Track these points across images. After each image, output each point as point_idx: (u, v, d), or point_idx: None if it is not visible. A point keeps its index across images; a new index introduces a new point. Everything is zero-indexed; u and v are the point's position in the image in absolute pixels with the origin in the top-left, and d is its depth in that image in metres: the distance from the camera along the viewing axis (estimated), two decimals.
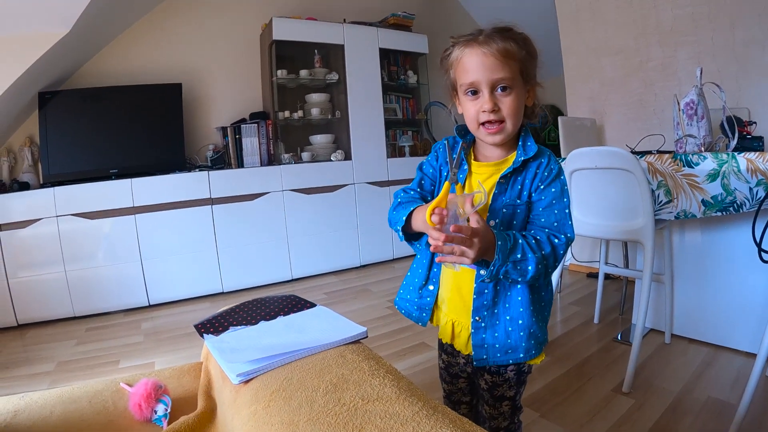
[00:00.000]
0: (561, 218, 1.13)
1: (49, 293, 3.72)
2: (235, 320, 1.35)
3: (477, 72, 1.12)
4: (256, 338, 1.22)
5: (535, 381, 2.33)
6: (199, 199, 4.14)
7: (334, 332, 1.20)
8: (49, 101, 3.92)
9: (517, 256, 1.04)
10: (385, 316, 3.39)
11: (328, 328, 1.24)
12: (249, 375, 1.04)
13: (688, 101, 2.49)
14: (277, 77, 4.75)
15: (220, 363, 1.12)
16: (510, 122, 1.14)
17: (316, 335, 1.19)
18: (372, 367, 0.99)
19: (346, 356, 1.06)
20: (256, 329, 1.29)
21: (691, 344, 2.67)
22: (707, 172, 2.04)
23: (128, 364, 2.85)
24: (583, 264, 4.23)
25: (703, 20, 3.58)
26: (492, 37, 1.12)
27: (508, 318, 1.18)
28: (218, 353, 1.15)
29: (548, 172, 1.15)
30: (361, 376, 0.94)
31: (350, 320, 1.28)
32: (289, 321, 1.33)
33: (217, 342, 1.22)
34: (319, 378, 0.95)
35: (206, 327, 1.32)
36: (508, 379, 1.27)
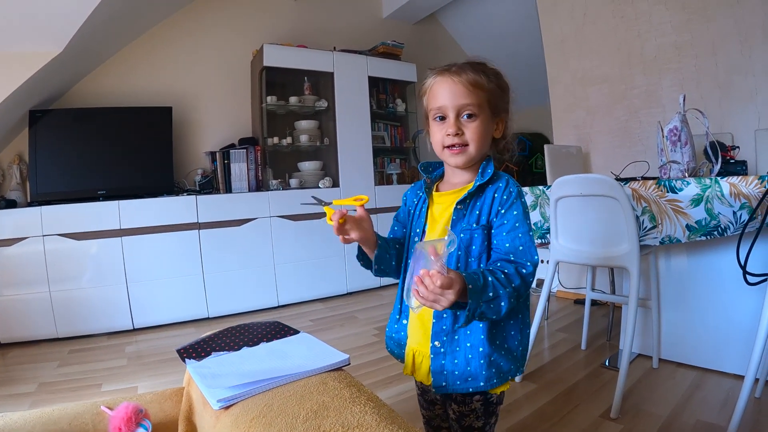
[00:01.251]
0: (525, 242, 1.13)
1: (32, 313, 3.69)
2: (218, 345, 1.34)
3: (445, 98, 1.19)
4: (238, 364, 1.21)
5: (523, 408, 2.32)
6: (186, 223, 4.13)
7: (316, 359, 1.20)
8: (40, 119, 3.92)
9: (489, 295, 1.03)
10: (371, 344, 3.38)
11: (310, 355, 1.23)
12: (230, 401, 1.03)
13: (672, 128, 2.52)
14: (267, 103, 4.78)
15: (201, 388, 1.11)
16: (473, 146, 1.19)
17: (298, 362, 1.18)
18: (353, 395, 0.98)
19: (327, 383, 1.06)
20: (239, 355, 1.28)
21: (678, 368, 2.67)
22: (691, 197, 2.05)
23: (111, 388, 2.82)
24: (570, 290, 4.24)
25: (686, 48, 3.64)
26: (463, 68, 1.20)
27: (469, 345, 1.17)
28: (199, 378, 1.14)
29: (507, 195, 1.17)
30: (342, 404, 0.93)
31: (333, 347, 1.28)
32: (271, 347, 1.32)
33: (199, 367, 1.21)
34: (299, 405, 0.94)
35: (189, 352, 1.31)
36: (474, 410, 1.25)
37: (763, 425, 2.02)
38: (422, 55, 6.57)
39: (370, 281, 5.17)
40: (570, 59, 4.47)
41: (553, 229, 2.56)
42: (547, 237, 2.70)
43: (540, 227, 2.75)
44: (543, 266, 4.47)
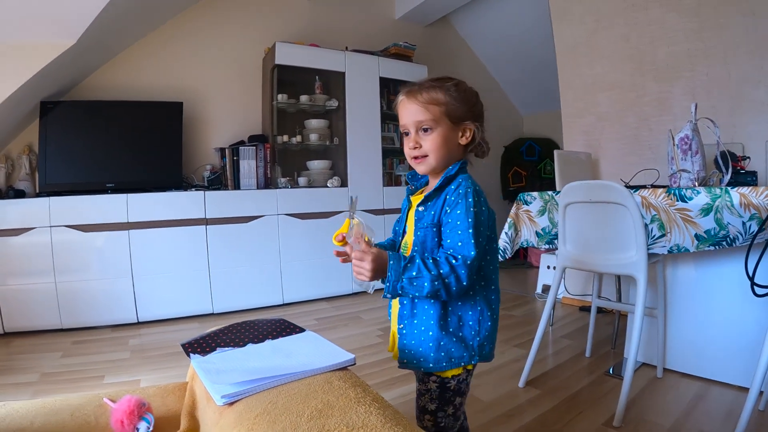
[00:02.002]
0: (464, 238, 1.23)
1: (37, 303, 3.71)
2: (223, 341, 1.33)
3: (405, 117, 1.37)
4: (242, 360, 1.20)
5: (525, 413, 2.31)
6: (193, 218, 4.14)
7: (321, 358, 1.19)
8: (51, 111, 3.94)
9: (412, 274, 1.20)
10: (376, 344, 3.37)
11: (315, 354, 1.23)
12: (234, 397, 1.02)
13: (683, 136, 2.50)
14: (278, 101, 4.79)
15: (205, 383, 1.10)
16: (432, 156, 1.35)
17: (303, 360, 1.17)
18: (358, 395, 0.98)
19: (332, 382, 1.05)
20: (244, 351, 1.27)
21: (683, 378, 2.65)
22: (701, 207, 2.05)
23: (113, 380, 2.82)
24: (576, 297, 4.23)
25: (698, 57, 3.62)
26: (421, 87, 1.36)
27: (423, 329, 1.33)
28: (204, 373, 1.13)
29: (455, 196, 1.28)
30: (347, 403, 0.93)
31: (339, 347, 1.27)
32: (276, 345, 1.32)
33: (203, 362, 1.20)
34: (304, 403, 0.93)
35: (193, 346, 1.30)
36: (429, 390, 1.39)
37: None
38: (434, 58, 6.58)
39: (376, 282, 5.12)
40: (582, 65, 4.46)
41: (561, 235, 2.55)
42: (554, 243, 2.69)
43: (548, 233, 2.74)
44: (549, 272, 4.50)
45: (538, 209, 2.79)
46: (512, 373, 2.80)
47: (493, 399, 2.47)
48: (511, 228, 2.88)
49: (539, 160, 7.19)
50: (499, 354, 3.11)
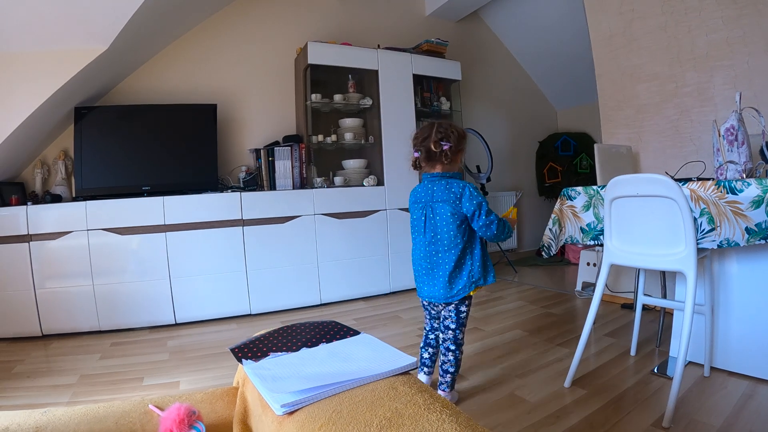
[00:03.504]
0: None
1: (75, 305, 3.75)
2: (275, 345, 1.29)
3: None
4: (298, 366, 1.16)
5: (572, 414, 2.26)
6: (230, 219, 4.15)
7: (381, 362, 1.14)
8: (85, 116, 3.98)
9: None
10: (417, 344, 3.30)
11: (375, 357, 1.18)
12: (294, 406, 0.98)
13: (729, 127, 2.44)
14: (311, 101, 4.79)
15: (262, 392, 1.06)
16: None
17: (362, 364, 1.13)
18: (426, 401, 0.93)
19: (397, 388, 1.00)
20: (298, 356, 1.23)
21: (730, 377, 2.58)
22: (751, 199, 1.98)
23: (152, 382, 2.83)
24: (618, 294, 4.14)
25: (738, 44, 3.53)
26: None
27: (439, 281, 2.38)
28: (259, 381, 1.09)
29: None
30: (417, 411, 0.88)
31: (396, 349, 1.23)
32: (332, 348, 1.28)
33: (257, 368, 1.16)
34: (371, 411, 0.89)
35: (244, 351, 1.27)
36: (449, 314, 2.42)
37: None
38: (466, 53, 6.57)
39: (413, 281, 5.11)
40: (618, 56, 4.38)
41: (607, 231, 2.48)
42: (600, 239, 2.63)
43: (593, 228, 2.68)
44: (589, 269, 4.44)
45: (582, 204, 2.73)
46: (557, 372, 2.75)
47: (539, 400, 2.43)
48: (555, 224, 2.82)
49: (575, 155, 7.09)
50: (542, 353, 3.08)
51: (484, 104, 7.06)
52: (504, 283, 5.33)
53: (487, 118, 7.04)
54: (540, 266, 6.18)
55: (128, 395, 2.61)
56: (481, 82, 7.02)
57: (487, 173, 5.82)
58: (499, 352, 3.14)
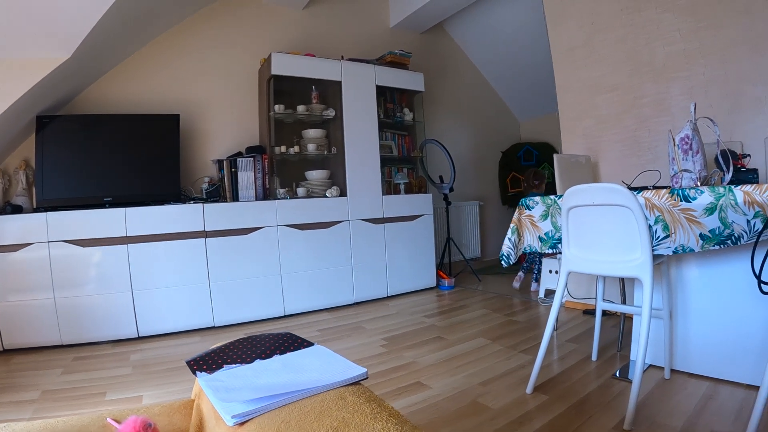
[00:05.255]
0: None
1: (37, 319, 3.68)
2: (230, 358, 1.30)
3: None
4: (251, 377, 1.17)
5: (534, 420, 2.29)
6: (192, 231, 4.12)
7: (332, 373, 1.16)
8: (47, 125, 3.92)
9: None
10: (380, 354, 3.34)
11: (326, 369, 1.19)
12: (245, 417, 0.99)
13: (683, 136, 2.49)
14: (275, 112, 4.78)
15: (214, 403, 1.07)
16: None
17: (314, 375, 1.14)
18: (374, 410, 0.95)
19: (346, 398, 1.02)
20: (252, 368, 1.24)
21: (690, 378, 2.63)
22: (705, 206, 2.03)
23: (115, 397, 2.79)
24: (579, 300, 4.21)
25: (695, 56, 3.62)
26: None
27: None
28: (212, 392, 1.10)
29: None
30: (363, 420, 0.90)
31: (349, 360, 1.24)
32: (285, 360, 1.28)
33: (211, 380, 1.17)
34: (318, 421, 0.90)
35: (199, 364, 1.27)
36: None
37: None
38: (430, 65, 6.63)
39: (376, 291, 5.17)
40: (579, 68, 4.45)
41: (565, 239, 2.53)
42: (558, 247, 2.67)
43: (551, 237, 2.72)
44: (551, 276, 4.48)
45: (540, 214, 2.78)
46: (519, 379, 2.78)
47: (501, 406, 2.45)
48: (514, 233, 2.86)
49: (537, 165, 7.20)
50: (505, 360, 3.11)
51: (448, 115, 7.12)
52: (468, 291, 5.38)
53: (450, 128, 7.10)
54: (503, 274, 6.24)
55: (90, 410, 2.57)
56: (445, 94, 7.08)
57: (450, 183, 5.87)
58: (462, 360, 3.16)
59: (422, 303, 4.95)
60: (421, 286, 5.54)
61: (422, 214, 5.51)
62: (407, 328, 4.01)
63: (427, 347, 3.45)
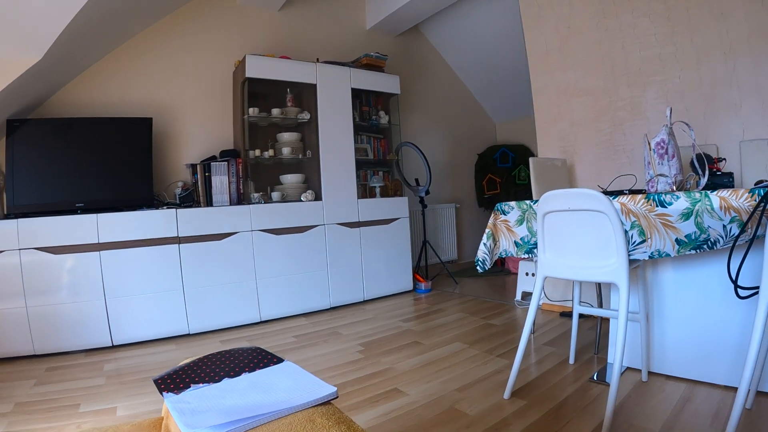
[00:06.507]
0: None
1: (8, 329, 3.59)
2: (198, 376, 1.27)
3: None
4: (219, 398, 1.13)
5: (512, 426, 2.27)
6: (166, 237, 4.06)
7: (302, 392, 1.13)
8: (18, 129, 3.84)
9: None
10: (356, 361, 3.31)
11: (295, 388, 1.16)
12: None
13: (659, 140, 2.50)
14: (249, 115, 4.73)
15: (180, 427, 1.04)
16: None
17: (282, 395, 1.11)
18: None
19: (315, 420, 0.99)
20: (220, 387, 1.21)
21: (668, 381, 2.65)
22: (681, 212, 2.03)
23: (89, 408, 2.72)
24: (556, 303, 4.22)
25: (670, 60, 3.66)
26: None
27: None
28: (178, 415, 1.06)
29: None
30: None
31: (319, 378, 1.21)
32: (254, 379, 1.25)
33: (178, 402, 1.13)
34: None
35: (167, 383, 1.24)
36: None
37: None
38: (406, 67, 6.62)
39: (353, 295, 5.14)
40: (554, 71, 4.47)
41: (541, 244, 2.52)
42: (534, 252, 2.67)
43: (527, 242, 2.71)
44: (528, 279, 4.50)
45: (516, 219, 2.77)
46: (496, 384, 2.77)
47: (478, 413, 2.43)
48: (490, 239, 2.85)
49: (513, 167, 7.21)
50: (482, 365, 3.09)
51: (424, 118, 7.11)
52: (445, 295, 5.37)
53: (426, 131, 7.10)
54: (480, 277, 6.25)
55: (64, 423, 2.52)
56: (421, 96, 7.08)
57: (426, 186, 5.86)
58: (438, 366, 3.14)
59: (399, 307, 4.93)
60: (397, 289, 5.53)
61: (398, 217, 5.50)
62: (384, 333, 3.99)
63: (404, 352, 3.43)
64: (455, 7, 6.23)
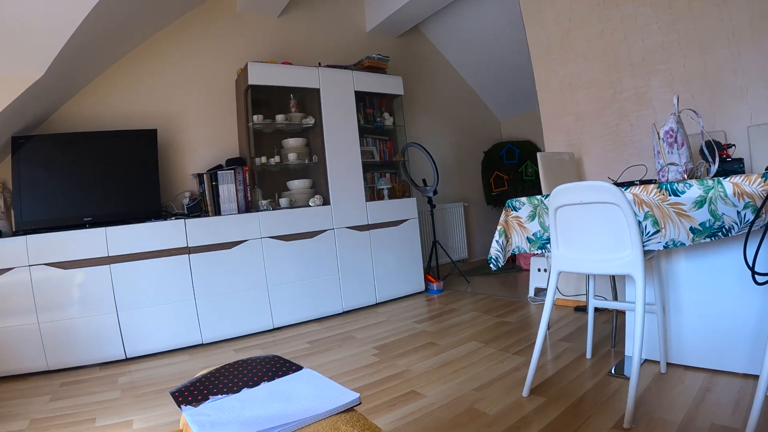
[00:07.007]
0: None
1: (21, 345, 3.59)
2: (216, 387, 1.25)
3: None
4: (238, 410, 1.11)
5: (533, 424, 2.25)
6: (175, 248, 4.06)
7: (323, 400, 1.10)
8: (23, 146, 3.85)
9: None
10: (372, 364, 3.29)
11: (316, 395, 1.14)
12: None
13: (668, 129, 2.47)
14: (254, 122, 4.73)
15: None
16: None
17: (304, 404, 1.09)
18: None
19: (339, 428, 0.97)
20: (239, 398, 1.19)
21: (687, 371, 2.61)
22: (694, 200, 2.00)
23: (105, 422, 2.71)
24: (569, 298, 4.18)
25: (673, 48, 3.63)
26: None
27: None
28: (198, 428, 1.04)
29: None
30: None
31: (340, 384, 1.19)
32: (273, 388, 1.23)
33: (197, 414, 1.11)
34: None
35: (184, 395, 1.22)
36: None
37: None
38: (408, 68, 6.61)
39: (365, 299, 5.12)
40: (557, 65, 4.45)
41: (554, 239, 2.50)
42: (547, 247, 2.64)
43: (539, 237, 2.69)
44: (540, 275, 4.48)
45: (527, 215, 2.74)
46: (514, 382, 2.74)
47: (498, 412, 2.41)
48: (502, 236, 2.82)
49: (519, 163, 7.18)
50: (499, 363, 3.07)
51: (428, 117, 7.10)
52: (457, 294, 5.35)
53: (431, 131, 7.08)
54: (492, 275, 6.22)
55: None
56: (424, 96, 7.07)
57: (434, 186, 5.84)
58: (455, 366, 3.12)
59: (412, 308, 4.91)
60: (409, 291, 5.50)
61: (407, 218, 5.48)
62: (398, 335, 3.97)
63: (420, 354, 3.41)
64: (454, 6, 6.22)
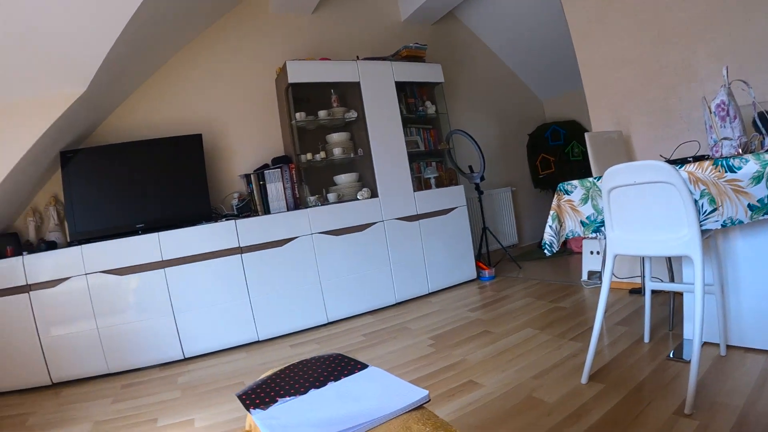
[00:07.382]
0: None
1: (82, 350, 3.71)
2: (283, 389, 1.25)
3: None
4: (308, 411, 1.12)
5: (593, 411, 2.22)
6: (227, 248, 4.12)
7: (392, 398, 1.10)
8: (71, 159, 3.97)
9: None
10: (428, 355, 3.29)
11: (385, 394, 1.14)
12: None
13: (719, 102, 2.40)
14: (296, 120, 4.75)
15: None
16: None
17: (373, 404, 1.09)
18: None
19: (411, 427, 0.96)
20: (307, 400, 1.19)
21: (747, 353, 2.54)
22: (751, 176, 1.94)
23: (167, 422, 2.78)
24: (624, 280, 4.11)
25: (717, 17, 3.50)
26: None
27: None
28: None
29: None
30: None
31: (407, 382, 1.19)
32: (341, 388, 1.24)
33: (267, 418, 1.12)
34: None
35: (251, 398, 1.23)
36: None
37: None
38: (446, 54, 6.56)
39: (417, 289, 5.11)
40: (599, 42, 4.34)
41: (608, 222, 2.45)
42: (602, 230, 2.60)
43: (593, 221, 2.64)
44: (593, 257, 4.41)
45: (580, 198, 2.70)
46: (572, 369, 2.71)
47: (557, 399, 2.39)
48: (555, 220, 2.78)
49: (565, 144, 7.05)
50: (555, 350, 3.04)
51: (470, 103, 7.03)
52: (509, 280, 5.30)
53: (474, 117, 7.02)
54: (543, 259, 6.14)
55: None
56: (464, 82, 7.00)
57: (480, 172, 5.79)
58: (511, 354, 3.10)
59: (464, 296, 4.89)
60: (461, 279, 5.47)
61: (456, 206, 5.44)
62: (452, 324, 3.95)
63: (475, 343, 3.40)
64: None
